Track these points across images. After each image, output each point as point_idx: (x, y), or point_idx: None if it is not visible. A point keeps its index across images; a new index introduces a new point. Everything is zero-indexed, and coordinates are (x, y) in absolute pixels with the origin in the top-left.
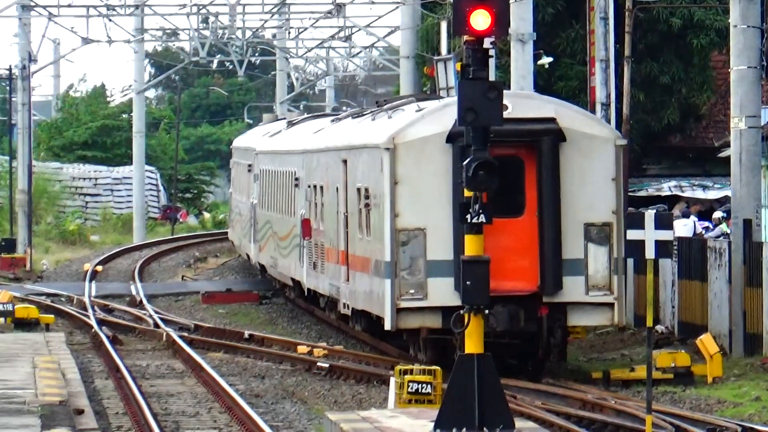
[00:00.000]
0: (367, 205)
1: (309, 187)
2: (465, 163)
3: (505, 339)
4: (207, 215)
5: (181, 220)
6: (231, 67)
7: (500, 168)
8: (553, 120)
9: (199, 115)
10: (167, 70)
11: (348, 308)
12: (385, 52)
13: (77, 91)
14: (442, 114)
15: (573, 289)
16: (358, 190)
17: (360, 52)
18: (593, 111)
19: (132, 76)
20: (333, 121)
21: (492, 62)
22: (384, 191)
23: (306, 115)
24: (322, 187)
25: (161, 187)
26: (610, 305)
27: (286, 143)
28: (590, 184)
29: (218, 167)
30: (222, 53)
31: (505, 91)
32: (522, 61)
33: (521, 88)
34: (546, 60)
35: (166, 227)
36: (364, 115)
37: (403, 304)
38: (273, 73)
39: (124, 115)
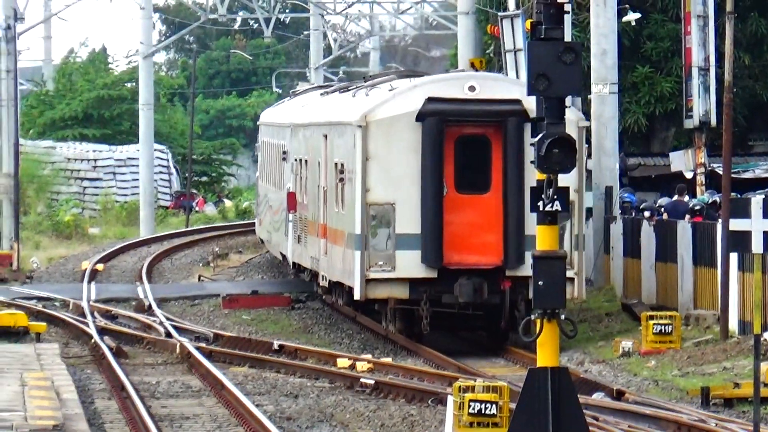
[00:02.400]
0: (341, 180)
1: (295, 160)
2: (536, 139)
3: (469, 310)
4: (228, 203)
5: (197, 208)
6: (256, 26)
7: (468, 146)
8: (518, 101)
9: (218, 83)
10: (180, 30)
11: (326, 280)
12: (439, 7)
13: (78, 57)
14: (413, 94)
15: None
16: (336, 164)
17: (410, 7)
18: (689, 76)
19: (137, 37)
20: (322, 94)
21: (568, 19)
22: (356, 167)
23: (310, 86)
24: (306, 161)
25: (173, 170)
26: (571, 280)
27: (281, 115)
28: None
29: (242, 146)
30: (245, 9)
31: (472, 73)
32: (604, 18)
33: (603, 49)
34: (632, 16)
35: (180, 218)
36: (350, 90)
37: (372, 275)
38: (306, 33)
39: (128, 84)
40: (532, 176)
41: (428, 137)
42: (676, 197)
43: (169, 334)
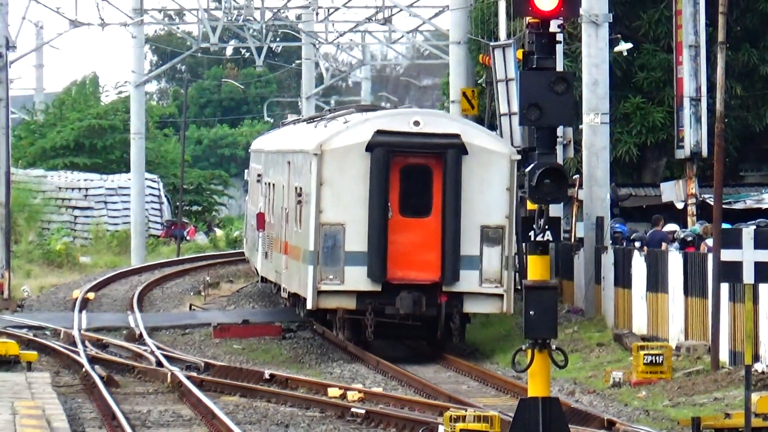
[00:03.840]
0: (300, 202)
1: (266, 184)
2: (528, 169)
3: (409, 321)
4: (219, 232)
5: (188, 237)
6: (248, 55)
7: (412, 175)
8: (457, 136)
9: (209, 112)
10: (171, 59)
11: (286, 292)
12: (431, 37)
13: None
14: (364, 126)
15: (469, 280)
16: (296, 188)
17: (402, 37)
18: (680, 106)
19: (129, 67)
20: (295, 123)
21: (560, 49)
22: (311, 190)
23: (296, 117)
24: (274, 185)
25: (164, 199)
26: (500, 296)
27: (262, 143)
28: (488, 192)
29: (233, 175)
30: (237, 38)
31: (417, 109)
32: (595, 48)
33: (594, 79)
34: (624, 46)
35: (171, 247)
36: (314, 120)
37: (323, 287)
38: (298, 62)
39: (120, 113)
40: (469, 203)
41: (376, 166)
42: (654, 228)
43: (160, 363)
